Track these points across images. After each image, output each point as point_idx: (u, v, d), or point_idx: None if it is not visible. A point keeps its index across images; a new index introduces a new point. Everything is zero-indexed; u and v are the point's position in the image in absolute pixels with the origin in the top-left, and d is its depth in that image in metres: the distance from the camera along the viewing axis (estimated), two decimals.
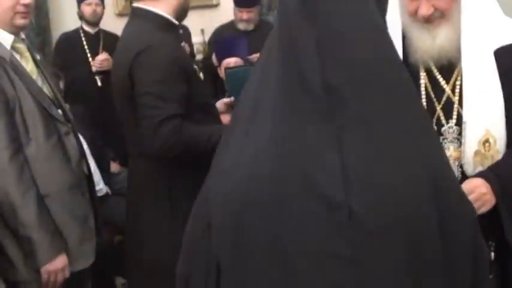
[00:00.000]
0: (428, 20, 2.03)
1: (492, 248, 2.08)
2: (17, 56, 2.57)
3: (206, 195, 1.36)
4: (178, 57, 2.64)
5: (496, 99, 2.03)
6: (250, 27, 5.08)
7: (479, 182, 2.02)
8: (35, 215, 2.43)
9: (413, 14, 2.04)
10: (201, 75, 4.65)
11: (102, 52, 5.13)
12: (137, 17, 2.71)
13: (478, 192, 1.99)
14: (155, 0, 2.66)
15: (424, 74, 2.13)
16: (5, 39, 2.52)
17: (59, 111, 2.63)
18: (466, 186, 1.97)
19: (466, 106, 2.05)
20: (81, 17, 5.27)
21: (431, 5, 2.00)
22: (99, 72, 5.10)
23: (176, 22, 2.71)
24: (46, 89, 2.63)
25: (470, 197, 1.84)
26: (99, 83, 5.11)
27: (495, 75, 2.03)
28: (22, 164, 2.42)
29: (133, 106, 2.60)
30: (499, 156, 2.07)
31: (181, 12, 2.73)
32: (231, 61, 4.11)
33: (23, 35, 2.64)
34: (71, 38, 5.29)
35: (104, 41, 5.17)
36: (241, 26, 5.09)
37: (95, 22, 5.25)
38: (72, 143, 2.66)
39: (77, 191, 2.63)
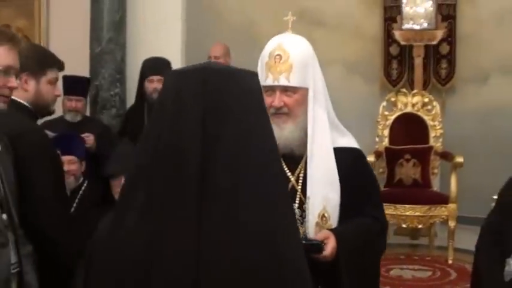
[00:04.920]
0: (277, 115, 2.46)
1: None
2: None
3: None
4: None
5: (333, 184, 2.48)
6: (78, 118, 5.14)
7: (330, 234, 2.41)
8: None
9: (268, 108, 2.39)
10: None
11: None
12: None
13: (331, 241, 2.38)
14: None
15: None
16: None
17: (4, 216, 2.29)
18: (321, 234, 2.41)
19: (310, 184, 2.47)
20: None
21: (282, 100, 2.46)
22: None
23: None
24: None
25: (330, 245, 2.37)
26: None
27: (334, 166, 2.49)
28: None
29: None
30: None
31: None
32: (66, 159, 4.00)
33: None
34: None
35: None
36: (68, 117, 5.12)
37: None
38: (3, 260, 2.25)
39: None
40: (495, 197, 3.25)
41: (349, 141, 2.61)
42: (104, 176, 4.00)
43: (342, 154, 2.51)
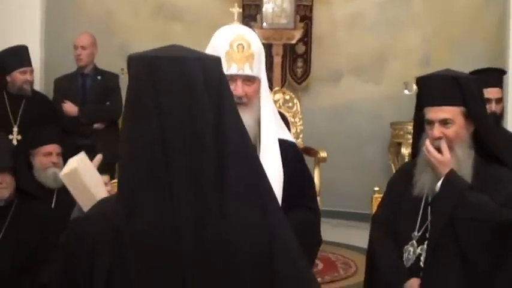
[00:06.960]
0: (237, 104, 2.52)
1: None
2: None
3: None
4: None
5: (279, 177, 2.55)
6: None
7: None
8: None
9: None
10: None
11: None
12: None
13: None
14: None
15: None
16: None
17: None
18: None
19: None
20: None
21: (243, 90, 2.51)
22: None
23: None
24: None
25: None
26: None
27: (279, 159, 2.57)
28: None
29: None
30: None
31: None
32: None
33: None
34: None
35: None
36: None
37: None
38: None
39: None
40: (376, 188, 3.43)
41: (287, 134, 2.72)
42: None
43: (285, 147, 2.61)
